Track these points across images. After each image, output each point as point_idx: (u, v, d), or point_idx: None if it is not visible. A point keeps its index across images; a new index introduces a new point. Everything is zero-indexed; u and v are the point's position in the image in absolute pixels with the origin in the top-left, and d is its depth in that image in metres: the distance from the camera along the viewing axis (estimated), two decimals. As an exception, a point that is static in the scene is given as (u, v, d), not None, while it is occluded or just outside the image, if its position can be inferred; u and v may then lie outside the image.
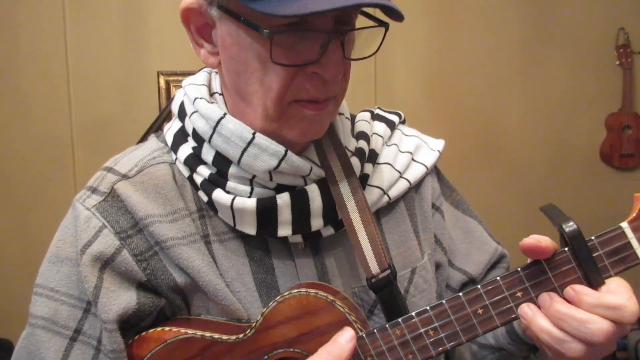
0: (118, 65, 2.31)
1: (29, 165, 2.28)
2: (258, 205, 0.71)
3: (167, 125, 0.80)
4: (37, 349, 0.70)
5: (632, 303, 0.60)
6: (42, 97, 2.27)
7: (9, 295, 2.28)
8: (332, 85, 0.68)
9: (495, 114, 2.60)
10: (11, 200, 2.30)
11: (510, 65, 2.58)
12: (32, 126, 2.27)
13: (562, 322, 0.61)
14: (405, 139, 0.87)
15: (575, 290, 0.62)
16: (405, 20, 0.67)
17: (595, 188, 2.67)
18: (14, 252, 2.30)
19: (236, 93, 0.71)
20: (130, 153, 0.79)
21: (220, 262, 0.74)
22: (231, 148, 0.70)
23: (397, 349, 0.67)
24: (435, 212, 0.87)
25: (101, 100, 2.31)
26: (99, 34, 2.28)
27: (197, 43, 0.72)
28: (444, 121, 2.55)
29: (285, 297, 0.69)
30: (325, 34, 0.64)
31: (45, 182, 2.29)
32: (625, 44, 2.57)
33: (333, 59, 0.65)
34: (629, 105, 2.60)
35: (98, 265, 0.70)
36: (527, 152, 2.63)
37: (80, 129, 2.30)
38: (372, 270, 0.73)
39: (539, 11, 2.57)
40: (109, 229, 0.71)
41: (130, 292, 0.71)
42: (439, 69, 2.55)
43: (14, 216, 2.31)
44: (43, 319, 0.71)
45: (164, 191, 0.73)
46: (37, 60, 2.26)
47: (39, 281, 0.73)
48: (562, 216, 0.64)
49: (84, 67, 2.29)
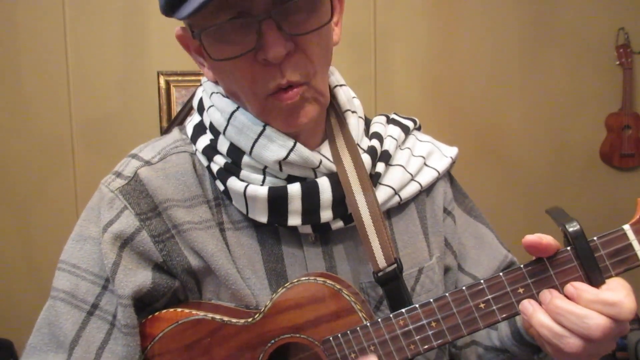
0: (118, 65, 2.31)
1: (29, 165, 2.29)
2: (269, 193, 0.73)
3: (188, 119, 0.85)
4: (56, 319, 0.74)
5: (630, 300, 0.61)
6: (42, 97, 2.27)
7: (8, 295, 2.28)
8: (289, 68, 0.68)
9: (495, 114, 2.60)
10: (11, 200, 2.30)
11: (510, 65, 2.58)
12: (32, 126, 2.28)
13: (561, 317, 0.62)
14: (419, 144, 0.89)
15: (575, 287, 0.64)
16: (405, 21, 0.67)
17: (595, 188, 2.67)
18: (14, 252, 2.31)
19: (233, 97, 0.76)
20: (155, 142, 0.83)
21: (233, 248, 0.77)
22: (243, 139, 0.74)
23: (400, 338, 0.69)
24: (447, 217, 0.89)
25: (101, 100, 2.31)
26: (99, 34, 2.28)
27: (198, 62, 0.79)
28: (444, 121, 2.55)
29: (294, 284, 0.71)
30: (252, 18, 0.65)
31: (45, 182, 2.30)
32: (625, 44, 2.57)
33: (270, 39, 0.65)
34: (629, 105, 2.60)
35: (118, 244, 0.74)
36: (527, 152, 2.63)
37: (80, 129, 2.30)
38: (379, 263, 0.75)
39: (539, 11, 2.57)
40: (130, 210, 0.75)
41: (146, 271, 0.75)
42: (438, 69, 2.55)
43: (14, 216, 2.31)
44: (64, 292, 0.75)
45: (184, 178, 0.78)
46: (37, 60, 2.26)
47: (63, 257, 0.77)
48: (566, 217, 0.65)
49: (84, 67, 2.29)
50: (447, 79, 2.56)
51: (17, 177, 2.29)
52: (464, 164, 2.51)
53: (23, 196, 2.30)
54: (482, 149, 2.61)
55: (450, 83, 2.57)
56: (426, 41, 2.53)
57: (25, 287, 2.28)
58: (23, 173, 2.29)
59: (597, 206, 2.63)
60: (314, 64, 0.70)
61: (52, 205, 2.30)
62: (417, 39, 2.52)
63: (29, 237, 2.30)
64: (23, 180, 2.29)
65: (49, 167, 2.30)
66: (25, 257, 2.31)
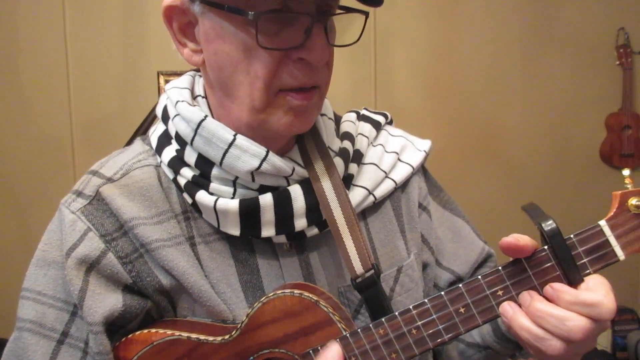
0: (118, 65, 2.31)
1: (29, 165, 2.29)
2: (241, 206, 0.71)
3: (152, 128, 0.81)
4: (24, 352, 0.71)
5: (609, 300, 0.61)
6: (42, 97, 2.27)
7: (8, 295, 2.28)
8: (317, 72, 0.68)
9: (495, 114, 2.60)
10: (11, 200, 2.30)
11: (510, 65, 2.58)
12: (32, 126, 2.28)
13: (541, 320, 0.62)
14: (391, 139, 0.87)
15: (553, 289, 0.63)
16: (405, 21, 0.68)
17: (595, 188, 2.67)
18: (13, 252, 2.31)
19: (221, 89, 0.72)
20: (116, 156, 0.79)
21: (205, 263, 0.74)
22: (212, 150, 0.71)
23: (381, 348, 0.67)
24: (422, 212, 0.88)
25: (101, 100, 2.31)
26: (99, 34, 2.29)
27: (179, 42, 0.73)
28: (443, 121, 2.54)
29: (270, 298, 0.69)
30: (308, 17, 0.65)
31: (45, 182, 2.30)
32: (625, 44, 2.57)
33: (318, 43, 0.65)
34: (629, 105, 2.60)
35: (83, 269, 0.70)
36: (527, 152, 2.63)
37: (80, 129, 2.30)
38: (357, 270, 0.73)
39: (539, 11, 2.57)
40: (94, 232, 0.71)
41: (116, 294, 0.71)
42: (439, 69, 2.55)
43: (14, 216, 2.31)
44: (30, 322, 0.71)
45: (149, 193, 0.74)
46: (37, 60, 2.26)
47: (26, 285, 0.74)
48: (542, 215, 0.65)
49: (84, 67, 2.29)
50: (447, 79, 2.56)
51: (17, 177, 2.29)
52: (463, 164, 2.53)
53: (23, 196, 2.30)
54: (482, 148, 2.61)
55: (450, 83, 2.56)
56: (426, 41, 2.53)
57: (25, 287, 2.28)
58: (23, 173, 2.29)
59: (597, 206, 2.62)
60: (330, 75, 0.72)
61: (52, 205, 2.28)
62: (417, 39, 2.52)
63: (29, 237, 2.30)
64: (23, 180, 2.29)
65: (49, 167, 2.30)
66: (25, 257, 2.30)
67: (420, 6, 2.50)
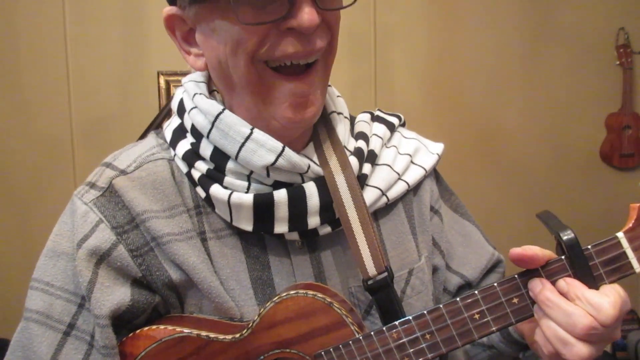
0: (118, 65, 2.31)
1: (28, 165, 2.28)
2: (255, 201, 0.71)
3: (166, 122, 0.81)
4: (30, 342, 0.71)
5: (612, 306, 0.61)
6: (42, 97, 2.27)
7: (8, 295, 2.28)
8: (313, 39, 0.67)
9: (495, 114, 2.60)
10: (11, 199, 2.30)
11: (510, 65, 2.58)
12: (32, 126, 2.27)
13: (548, 310, 0.63)
14: (405, 142, 0.87)
15: (567, 282, 0.64)
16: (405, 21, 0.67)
17: (595, 188, 2.67)
18: (13, 251, 2.30)
19: (225, 86, 0.72)
20: (129, 149, 0.79)
21: (215, 259, 0.74)
22: (229, 143, 0.71)
23: (394, 351, 0.67)
24: (434, 215, 0.87)
25: (101, 100, 2.31)
26: (99, 34, 2.28)
27: (185, 51, 0.74)
28: (444, 121, 2.54)
29: (282, 297, 0.69)
30: None
31: (45, 181, 2.29)
32: (625, 44, 2.57)
33: (304, 8, 0.64)
34: (629, 105, 2.60)
35: (94, 260, 0.70)
36: (527, 152, 2.63)
37: (80, 129, 2.30)
38: (369, 271, 0.73)
39: (539, 11, 2.57)
40: (105, 223, 0.71)
41: (124, 288, 0.71)
42: (439, 69, 2.55)
43: (14, 215, 2.31)
44: (37, 312, 0.71)
45: (162, 187, 0.74)
46: (37, 60, 2.26)
47: (35, 275, 0.73)
48: (560, 224, 0.65)
49: (84, 67, 2.29)
50: (447, 79, 2.56)
51: (17, 177, 2.29)
52: (464, 164, 2.52)
53: (23, 196, 2.30)
54: (482, 148, 2.61)
55: (451, 83, 2.56)
56: (426, 41, 2.53)
57: (25, 287, 2.27)
58: (23, 173, 2.29)
59: (597, 206, 2.63)
60: (335, 39, 0.71)
61: (52, 205, 2.29)
62: (417, 39, 2.52)
63: (29, 237, 2.30)
64: (23, 180, 2.29)
65: (49, 167, 2.29)
66: (25, 257, 2.30)
67: (420, 6, 2.50)
